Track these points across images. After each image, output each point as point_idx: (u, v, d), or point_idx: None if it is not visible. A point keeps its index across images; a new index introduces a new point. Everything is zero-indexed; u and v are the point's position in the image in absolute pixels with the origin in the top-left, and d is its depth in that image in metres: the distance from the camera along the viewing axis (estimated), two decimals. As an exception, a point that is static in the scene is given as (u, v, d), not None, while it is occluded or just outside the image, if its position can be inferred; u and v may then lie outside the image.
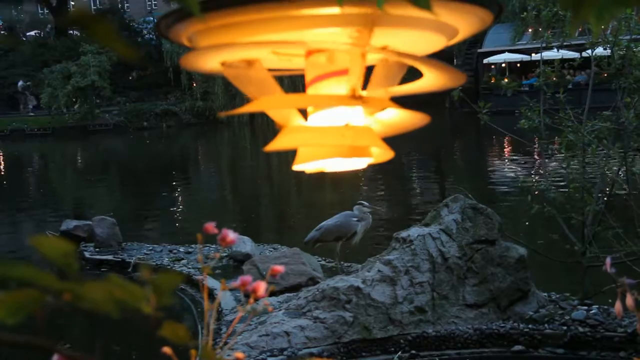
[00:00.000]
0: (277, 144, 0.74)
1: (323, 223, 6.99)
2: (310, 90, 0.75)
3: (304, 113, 0.78)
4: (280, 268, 1.07)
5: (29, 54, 39.01)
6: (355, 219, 6.85)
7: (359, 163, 0.77)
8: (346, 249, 7.23)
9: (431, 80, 0.77)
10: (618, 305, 1.29)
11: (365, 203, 7.02)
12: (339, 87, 0.74)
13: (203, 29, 0.70)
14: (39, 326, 0.50)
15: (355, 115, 0.75)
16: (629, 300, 1.24)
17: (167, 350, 0.99)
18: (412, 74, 0.81)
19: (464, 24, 0.75)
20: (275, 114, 0.75)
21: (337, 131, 0.73)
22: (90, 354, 0.54)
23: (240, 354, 1.00)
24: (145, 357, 5.98)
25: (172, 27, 0.72)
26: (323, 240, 6.93)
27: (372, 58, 0.78)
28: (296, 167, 0.76)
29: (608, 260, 1.39)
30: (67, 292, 0.47)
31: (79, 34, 39.91)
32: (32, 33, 45.93)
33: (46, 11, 48.07)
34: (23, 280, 0.47)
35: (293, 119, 0.75)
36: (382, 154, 0.77)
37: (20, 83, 36.99)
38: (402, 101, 0.80)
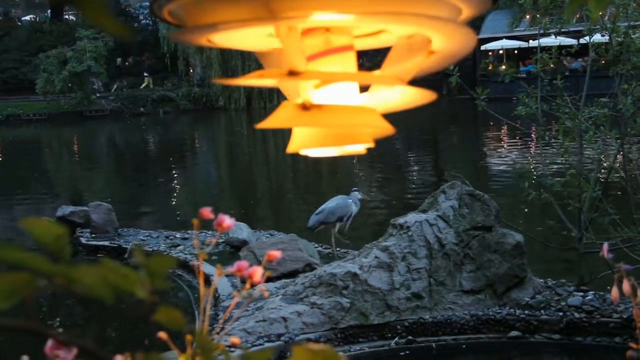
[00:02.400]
0: (273, 121, 0.70)
1: (323, 206, 7.14)
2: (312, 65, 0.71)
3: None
4: (276, 254, 1.07)
5: (25, 39, 38.82)
6: (350, 200, 7.09)
7: (357, 147, 0.75)
8: (344, 236, 7.25)
9: (442, 47, 0.72)
10: (615, 291, 1.28)
11: (358, 190, 7.29)
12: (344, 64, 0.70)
13: None
14: (31, 310, 0.49)
15: (358, 94, 0.71)
16: (626, 286, 1.24)
17: (162, 335, 0.99)
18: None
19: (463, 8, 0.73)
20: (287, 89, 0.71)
21: (342, 111, 0.69)
22: (84, 338, 0.53)
23: (236, 339, 1.00)
24: (140, 341, 5.99)
25: None
26: (327, 222, 7.06)
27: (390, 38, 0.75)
28: (290, 150, 0.73)
29: (605, 246, 1.39)
30: (59, 276, 0.46)
31: (74, 19, 39.70)
32: (28, 17, 45.68)
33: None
34: (14, 264, 0.46)
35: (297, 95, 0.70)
36: (381, 130, 0.74)
37: None
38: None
